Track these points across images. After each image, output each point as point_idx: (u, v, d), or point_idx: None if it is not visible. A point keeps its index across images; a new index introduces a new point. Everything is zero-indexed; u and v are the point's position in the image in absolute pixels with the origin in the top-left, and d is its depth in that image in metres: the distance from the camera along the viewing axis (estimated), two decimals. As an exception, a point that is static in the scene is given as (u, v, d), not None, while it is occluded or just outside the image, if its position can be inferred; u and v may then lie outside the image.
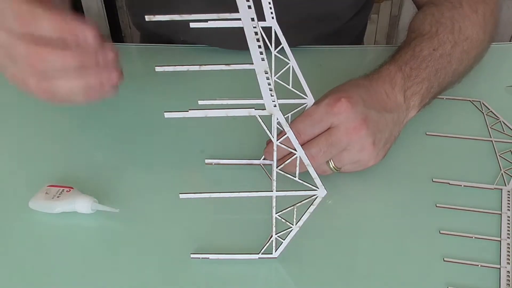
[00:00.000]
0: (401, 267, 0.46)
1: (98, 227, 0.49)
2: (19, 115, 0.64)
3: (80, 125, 0.60)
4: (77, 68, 0.45)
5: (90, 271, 0.46)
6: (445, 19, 0.61)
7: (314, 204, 0.42)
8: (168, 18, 0.31)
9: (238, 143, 0.58)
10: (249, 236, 0.48)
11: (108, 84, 0.46)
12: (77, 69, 0.45)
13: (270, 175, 0.53)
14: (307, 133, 0.49)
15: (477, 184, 0.53)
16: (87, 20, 0.45)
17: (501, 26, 0.69)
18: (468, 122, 0.61)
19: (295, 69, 0.48)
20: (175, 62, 0.34)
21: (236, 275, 0.45)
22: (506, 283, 0.44)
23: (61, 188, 0.50)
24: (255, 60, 0.33)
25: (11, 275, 0.45)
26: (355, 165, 0.52)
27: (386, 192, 0.53)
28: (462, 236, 0.48)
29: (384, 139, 0.52)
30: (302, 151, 0.38)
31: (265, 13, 0.44)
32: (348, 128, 0.49)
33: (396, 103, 0.54)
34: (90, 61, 0.45)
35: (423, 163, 0.56)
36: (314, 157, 0.49)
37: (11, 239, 0.48)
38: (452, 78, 0.60)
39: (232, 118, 0.37)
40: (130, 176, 0.55)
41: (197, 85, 0.66)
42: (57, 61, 0.44)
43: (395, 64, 0.57)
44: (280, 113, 0.36)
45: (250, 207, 0.51)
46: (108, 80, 0.46)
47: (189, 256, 0.46)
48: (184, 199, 0.40)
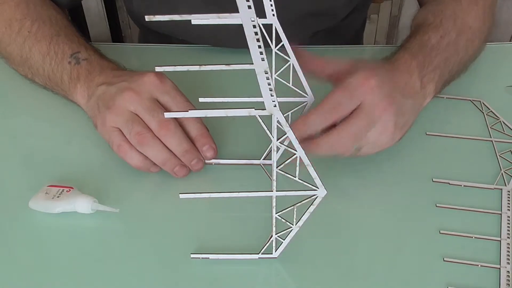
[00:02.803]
0: (401, 267, 0.46)
1: (98, 227, 0.49)
2: (19, 115, 0.64)
3: (81, 125, 0.60)
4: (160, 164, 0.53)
5: (90, 271, 0.46)
6: (447, 10, 0.63)
7: (314, 204, 0.42)
8: (168, 18, 0.31)
9: (238, 143, 0.58)
10: (249, 236, 0.48)
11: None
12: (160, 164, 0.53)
13: (270, 175, 0.53)
14: (346, 106, 0.49)
15: (477, 184, 0.53)
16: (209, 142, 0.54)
17: (501, 26, 0.69)
18: (468, 122, 0.61)
19: (295, 66, 0.48)
20: (175, 62, 0.34)
21: (236, 275, 0.45)
22: (506, 283, 0.44)
23: (61, 188, 0.50)
24: (255, 60, 0.33)
25: (11, 275, 0.45)
26: (373, 145, 0.52)
27: (386, 192, 0.53)
28: (462, 236, 0.48)
29: (403, 123, 0.52)
30: (302, 151, 0.38)
31: (266, 10, 0.44)
32: (379, 107, 0.49)
33: (415, 90, 0.55)
34: (178, 164, 0.53)
35: (423, 163, 0.56)
36: (355, 136, 0.49)
37: (11, 239, 0.48)
38: (458, 67, 0.61)
39: (232, 118, 0.37)
40: (130, 176, 0.55)
41: (197, 85, 0.66)
42: (156, 155, 0.52)
43: (408, 53, 0.57)
44: (280, 113, 0.36)
45: (250, 207, 0.51)
46: (179, 173, 0.54)
47: (189, 256, 0.46)
48: (184, 199, 0.40)
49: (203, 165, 0.54)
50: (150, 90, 0.53)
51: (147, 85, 0.53)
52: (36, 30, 0.63)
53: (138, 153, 0.52)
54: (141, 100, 0.52)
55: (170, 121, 0.52)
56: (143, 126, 0.52)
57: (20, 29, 0.64)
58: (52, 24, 0.64)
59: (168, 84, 0.54)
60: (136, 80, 0.54)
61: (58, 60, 0.61)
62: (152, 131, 0.52)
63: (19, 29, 0.64)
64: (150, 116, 0.52)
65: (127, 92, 0.53)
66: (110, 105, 0.53)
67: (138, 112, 0.52)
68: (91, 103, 0.56)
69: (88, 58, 0.60)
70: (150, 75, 0.54)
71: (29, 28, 0.63)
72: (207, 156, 0.54)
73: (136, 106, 0.52)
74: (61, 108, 0.60)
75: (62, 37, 0.62)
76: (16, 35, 0.64)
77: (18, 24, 0.64)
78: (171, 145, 0.52)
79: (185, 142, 0.52)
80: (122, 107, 0.53)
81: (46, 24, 0.63)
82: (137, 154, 0.52)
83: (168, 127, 0.52)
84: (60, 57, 0.61)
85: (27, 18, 0.64)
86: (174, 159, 0.53)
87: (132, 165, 0.53)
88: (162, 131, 0.52)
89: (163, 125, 0.52)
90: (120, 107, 0.53)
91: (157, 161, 0.53)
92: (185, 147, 0.52)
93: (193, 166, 0.53)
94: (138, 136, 0.51)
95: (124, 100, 0.53)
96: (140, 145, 0.52)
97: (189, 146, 0.53)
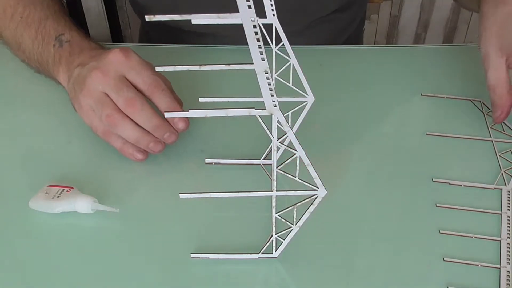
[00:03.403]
0: (401, 267, 0.46)
1: (98, 227, 0.49)
2: (19, 115, 0.64)
3: (81, 125, 0.60)
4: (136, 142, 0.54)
5: (90, 271, 0.46)
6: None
7: (314, 204, 0.42)
8: (168, 18, 0.31)
9: (238, 143, 0.58)
10: (249, 236, 0.48)
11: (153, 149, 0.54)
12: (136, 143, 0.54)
13: (270, 175, 0.53)
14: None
15: (478, 184, 0.53)
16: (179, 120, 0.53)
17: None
18: (469, 122, 0.61)
19: (295, 66, 0.48)
20: (175, 62, 0.34)
21: (236, 275, 0.45)
22: (506, 283, 0.44)
23: (61, 188, 0.50)
24: (255, 60, 0.33)
25: (11, 275, 0.45)
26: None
27: (386, 192, 0.53)
28: (462, 236, 0.48)
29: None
30: (302, 151, 0.38)
31: (266, 10, 0.45)
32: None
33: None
34: (152, 140, 0.53)
35: (423, 163, 0.56)
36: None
37: (11, 239, 0.48)
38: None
39: (232, 118, 0.37)
40: (130, 176, 0.55)
41: (197, 85, 0.66)
42: (128, 134, 0.53)
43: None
44: (280, 113, 0.36)
45: (250, 207, 0.51)
46: (154, 148, 0.54)
47: (189, 256, 0.46)
48: (184, 199, 0.40)
49: (176, 138, 0.54)
50: (116, 67, 0.53)
51: (113, 63, 0.54)
52: (27, 15, 0.64)
53: (118, 136, 0.53)
54: (108, 79, 0.53)
55: (136, 98, 0.52)
56: (112, 107, 0.52)
57: (13, 15, 0.64)
58: (42, 8, 0.64)
59: (134, 59, 0.54)
60: (103, 59, 0.54)
61: (44, 44, 0.61)
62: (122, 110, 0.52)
63: (12, 15, 0.65)
64: (117, 95, 0.52)
65: (95, 72, 0.53)
66: (82, 87, 0.54)
67: (106, 91, 0.53)
68: (70, 86, 0.57)
69: (70, 40, 0.60)
70: (116, 51, 0.54)
71: (21, 13, 0.64)
72: (179, 128, 0.54)
73: (104, 85, 0.53)
74: (61, 108, 0.60)
75: (50, 21, 0.62)
76: (9, 21, 0.65)
77: (11, 10, 0.65)
78: (140, 122, 0.52)
79: (154, 117, 0.52)
80: (92, 88, 0.53)
81: (36, 9, 0.64)
82: (118, 137, 0.53)
83: (135, 104, 0.52)
84: (46, 41, 0.61)
85: (20, 4, 0.65)
86: (147, 136, 0.53)
87: (117, 149, 0.54)
88: (129, 108, 0.52)
89: (129, 103, 0.52)
90: (90, 88, 0.53)
91: (131, 140, 0.53)
92: (154, 122, 0.52)
93: (166, 139, 0.53)
94: (108, 119, 0.52)
95: (93, 80, 0.53)
96: (111, 127, 0.53)
97: (159, 120, 0.53)
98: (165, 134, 0.53)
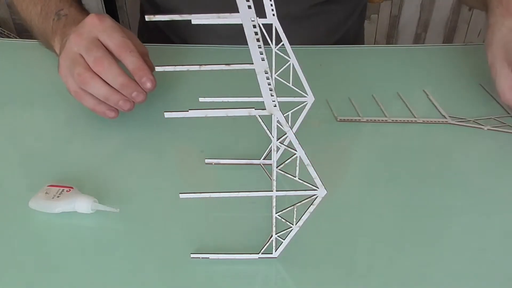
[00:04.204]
0: (401, 267, 0.46)
1: (98, 227, 0.49)
2: (19, 115, 0.64)
3: (80, 125, 0.60)
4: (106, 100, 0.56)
5: (90, 271, 0.46)
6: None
7: (314, 204, 0.42)
8: (168, 18, 0.31)
9: (238, 143, 0.58)
10: (249, 236, 0.48)
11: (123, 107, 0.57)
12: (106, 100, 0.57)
13: (270, 175, 0.53)
14: None
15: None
16: (145, 71, 0.56)
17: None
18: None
19: (295, 66, 0.48)
20: (175, 62, 0.34)
21: (236, 275, 0.45)
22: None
23: (61, 188, 0.50)
24: (255, 60, 0.33)
25: (11, 275, 0.45)
26: None
27: (386, 192, 0.53)
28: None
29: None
30: (302, 151, 0.38)
31: (266, 10, 0.45)
32: None
33: None
34: (121, 98, 0.56)
35: (423, 162, 0.56)
36: None
37: (11, 239, 0.48)
38: None
39: (232, 118, 0.37)
40: (130, 176, 0.55)
41: (197, 85, 0.66)
42: (98, 92, 0.56)
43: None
44: (280, 113, 0.36)
45: (250, 207, 0.51)
46: (123, 106, 0.57)
47: (189, 256, 0.46)
48: (184, 199, 0.40)
49: (144, 97, 0.57)
50: (90, 30, 0.57)
51: (87, 26, 0.57)
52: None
53: (91, 95, 0.56)
54: (81, 40, 0.56)
55: (104, 57, 0.55)
56: (83, 66, 0.55)
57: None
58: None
59: (106, 23, 0.57)
60: (81, 23, 0.58)
61: (47, 18, 0.66)
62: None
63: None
64: (87, 55, 0.55)
65: (72, 35, 0.57)
66: (62, 51, 0.58)
67: (80, 52, 0.56)
68: (60, 54, 0.60)
69: (67, 14, 0.65)
70: (92, 16, 0.58)
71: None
72: (146, 88, 0.56)
73: (78, 47, 0.56)
74: (62, 107, 0.60)
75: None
76: (22, 2, 0.70)
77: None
78: (109, 79, 0.55)
79: (121, 76, 0.55)
80: (69, 49, 0.57)
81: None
82: (90, 97, 0.56)
83: (103, 63, 0.55)
84: (49, 16, 0.66)
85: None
86: (116, 93, 0.56)
87: (89, 108, 0.57)
88: (96, 67, 0.55)
89: (97, 62, 0.55)
90: (67, 50, 0.57)
91: (100, 97, 0.56)
92: (121, 80, 0.55)
93: (134, 98, 0.56)
94: (79, 77, 0.55)
95: (70, 43, 0.57)
96: (82, 85, 0.55)
97: (125, 79, 0.55)
98: (133, 93, 0.56)
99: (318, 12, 0.81)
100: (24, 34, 0.70)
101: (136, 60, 0.56)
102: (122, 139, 0.60)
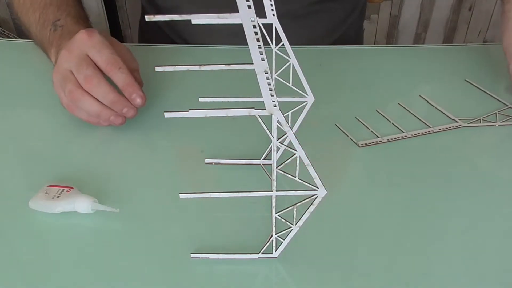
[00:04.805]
0: (401, 267, 0.46)
1: (98, 227, 0.49)
2: (20, 115, 0.64)
3: (80, 125, 0.60)
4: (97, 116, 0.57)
5: (90, 271, 0.46)
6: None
7: (314, 204, 0.42)
8: (168, 18, 0.31)
9: (238, 143, 0.58)
10: (249, 236, 0.48)
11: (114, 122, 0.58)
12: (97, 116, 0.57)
13: (270, 175, 0.53)
14: None
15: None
16: (136, 89, 0.57)
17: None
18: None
19: (295, 66, 0.48)
20: (175, 62, 0.34)
21: (236, 275, 0.45)
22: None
23: (61, 188, 0.50)
24: (255, 60, 0.33)
25: (11, 275, 0.45)
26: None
27: (386, 192, 0.53)
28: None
29: None
30: (302, 151, 0.38)
31: (266, 10, 0.45)
32: None
33: None
34: (112, 114, 0.57)
35: (424, 162, 0.56)
36: None
37: (11, 239, 0.48)
38: None
39: (232, 118, 0.37)
40: (130, 176, 0.55)
41: (197, 85, 0.66)
42: (89, 109, 0.56)
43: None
44: (280, 113, 0.36)
45: (250, 207, 0.51)
46: (115, 122, 0.58)
47: (189, 256, 0.46)
48: (184, 199, 0.40)
49: (135, 113, 0.57)
50: (79, 46, 0.57)
51: (77, 42, 0.58)
52: (34, 1, 0.68)
53: (83, 109, 0.57)
54: (71, 57, 0.57)
55: (94, 75, 0.56)
56: (73, 83, 0.56)
57: (25, 1, 0.70)
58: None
59: (95, 39, 0.57)
60: (72, 39, 0.58)
61: (44, 27, 0.66)
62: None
63: (23, 1, 0.70)
64: (77, 72, 0.56)
65: (63, 51, 0.58)
66: (55, 66, 0.59)
67: (71, 68, 0.56)
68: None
69: (64, 25, 0.65)
70: (81, 32, 0.58)
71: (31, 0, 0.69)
72: (136, 104, 0.57)
73: (68, 63, 0.57)
74: (62, 107, 0.60)
75: (52, 6, 0.67)
76: (22, 7, 0.70)
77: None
78: (99, 97, 0.56)
79: (111, 93, 0.56)
80: (60, 66, 0.57)
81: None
82: (83, 111, 0.57)
83: (92, 81, 0.55)
84: (46, 26, 0.66)
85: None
86: (106, 110, 0.56)
87: (82, 120, 0.58)
88: (87, 85, 0.55)
89: (87, 80, 0.55)
90: (59, 66, 0.58)
91: (92, 114, 0.57)
92: (111, 97, 0.56)
93: (126, 114, 0.57)
94: (70, 94, 0.56)
95: (61, 59, 0.58)
96: (74, 102, 0.56)
97: (115, 96, 0.56)
98: (124, 109, 0.56)
99: (317, 10, 0.81)
100: (24, 34, 0.70)
101: (125, 77, 0.57)
102: (122, 139, 0.60)
